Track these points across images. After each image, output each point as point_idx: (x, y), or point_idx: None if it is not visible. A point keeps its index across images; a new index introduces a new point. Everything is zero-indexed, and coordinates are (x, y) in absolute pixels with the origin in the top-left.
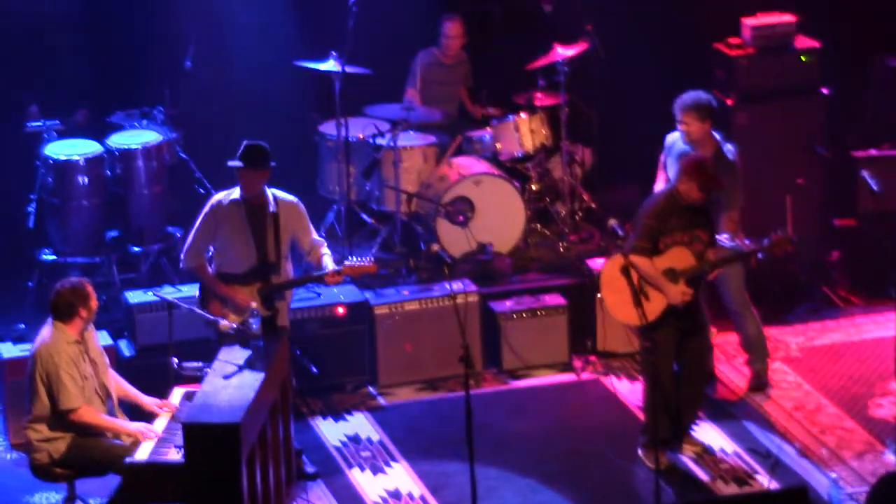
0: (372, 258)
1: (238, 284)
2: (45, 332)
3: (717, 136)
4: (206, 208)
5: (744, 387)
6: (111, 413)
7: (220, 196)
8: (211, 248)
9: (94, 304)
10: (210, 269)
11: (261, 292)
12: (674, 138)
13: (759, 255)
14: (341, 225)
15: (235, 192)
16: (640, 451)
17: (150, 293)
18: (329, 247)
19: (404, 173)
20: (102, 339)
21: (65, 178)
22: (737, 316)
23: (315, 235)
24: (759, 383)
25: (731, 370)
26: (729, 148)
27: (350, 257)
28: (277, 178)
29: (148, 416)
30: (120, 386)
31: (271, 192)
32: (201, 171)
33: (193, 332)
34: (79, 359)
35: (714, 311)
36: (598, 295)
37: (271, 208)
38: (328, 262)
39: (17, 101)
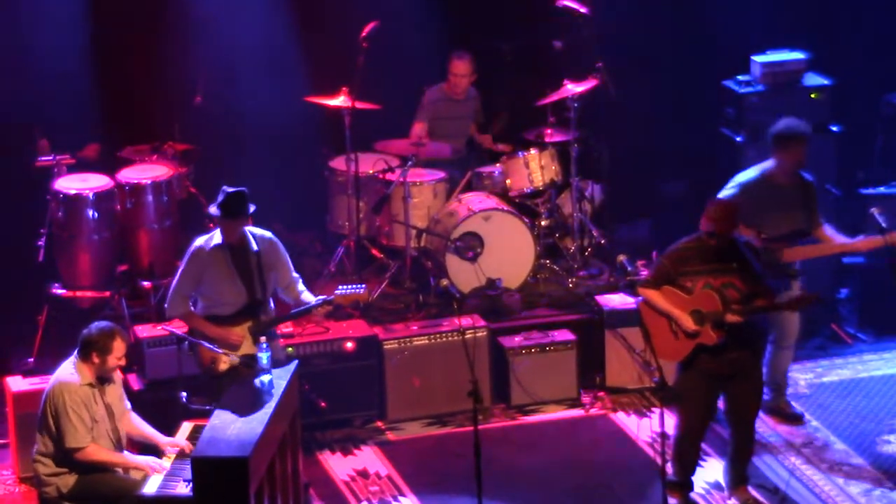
0: (363, 287)
1: (228, 325)
2: (64, 367)
3: None
4: (189, 255)
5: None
6: None
7: (200, 242)
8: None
9: (112, 360)
10: (197, 313)
11: (252, 330)
12: (755, 178)
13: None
14: (351, 260)
15: (216, 237)
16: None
17: (160, 327)
18: (338, 282)
19: (414, 209)
20: None
21: (75, 213)
22: (782, 343)
23: (293, 272)
24: (791, 416)
25: None
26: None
27: (340, 287)
28: (288, 214)
29: (159, 453)
30: (137, 427)
31: (249, 231)
32: None
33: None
34: (90, 401)
35: None
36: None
37: (253, 247)
38: (310, 297)
39: (28, 135)
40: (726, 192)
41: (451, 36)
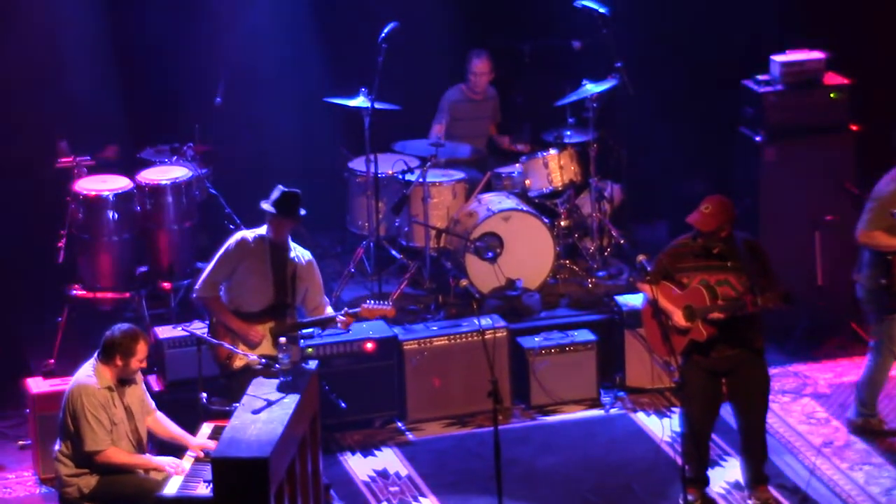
0: (390, 303)
1: (252, 322)
2: (84, 370)
3: None
4: (231, 243)
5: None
6: None
7: (244, 232)
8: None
9: (135, 363)
10: (223, 301)
11: (274, 331)
12: None
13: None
14: (370, 260)
15: (261, 230)
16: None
17: (180, 328)
18: (357, 282)
19: (433, 209)
20: None
21: (95, 214)
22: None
23: (324, 296)
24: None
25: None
26: None
27: (368, 301)
28: (308, 215)
29: (182, 453)
30: (164, 427)
31: (292, 243)
32: (231, 206)
33: None
34: (109, 404)
35: None
36: (627, 331)
37: (292, 254)
38: (332, 312)
39: (48, 136)
40: (868, 212)
41: (470, 36)
